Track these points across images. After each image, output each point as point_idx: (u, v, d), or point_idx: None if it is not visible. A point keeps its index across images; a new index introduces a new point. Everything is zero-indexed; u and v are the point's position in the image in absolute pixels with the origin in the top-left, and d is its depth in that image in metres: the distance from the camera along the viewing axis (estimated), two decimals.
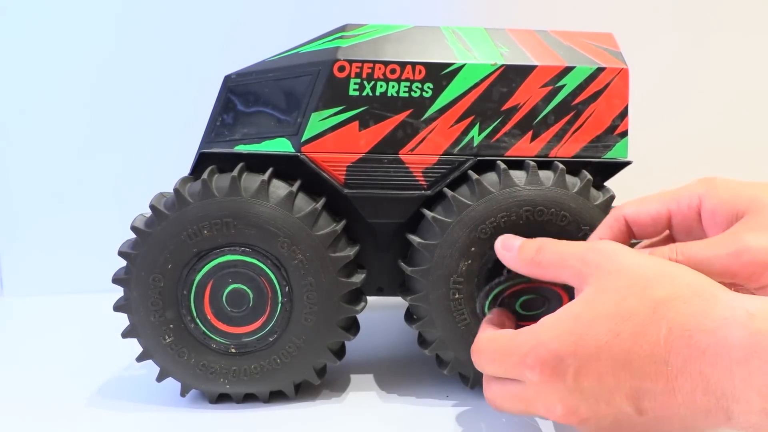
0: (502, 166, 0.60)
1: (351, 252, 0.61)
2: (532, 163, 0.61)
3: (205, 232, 0.58)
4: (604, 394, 0.46)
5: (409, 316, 0.65)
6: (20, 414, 0.62)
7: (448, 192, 0.60)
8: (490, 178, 0.60)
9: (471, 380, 0.63)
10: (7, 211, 1.02)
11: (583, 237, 0.60)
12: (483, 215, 0.59)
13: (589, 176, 0.60)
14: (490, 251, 0.60)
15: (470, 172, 0.61)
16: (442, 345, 0.62)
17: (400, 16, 0.79)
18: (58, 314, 0.94)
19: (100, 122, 1.01)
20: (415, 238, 0.62)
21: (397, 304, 0.90)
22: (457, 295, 0.60)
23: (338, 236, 0.60)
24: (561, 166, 0.60)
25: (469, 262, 0.60)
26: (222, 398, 0.63)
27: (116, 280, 0.60)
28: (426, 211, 0.61)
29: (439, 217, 0.60)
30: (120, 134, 1.01)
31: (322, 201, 0.61)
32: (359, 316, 0.64)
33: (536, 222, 0.59)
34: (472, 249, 0.59)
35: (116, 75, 1.00)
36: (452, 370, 0.63)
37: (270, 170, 0.61)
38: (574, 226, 0.60)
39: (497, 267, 0.61)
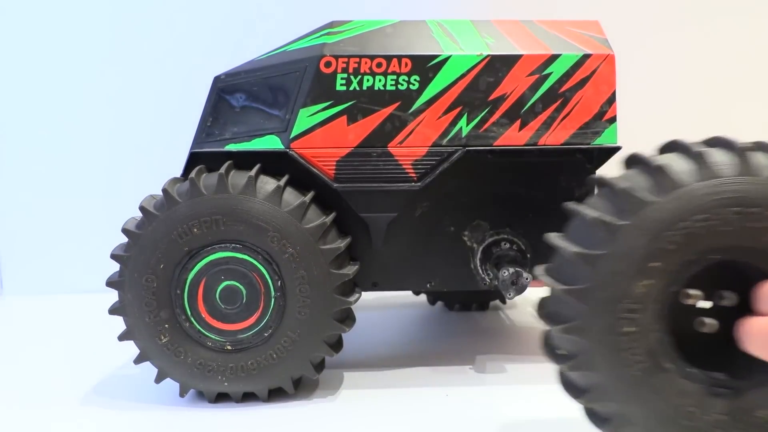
0: (700, 148, 0.44)
1: (342, 243, 0.61)
2: (739, 143, 0.44)
3: (195, 230, 0.58)
4: None
5: (549, 348, 0.48)
6: (20, 414, 0.62)
7: (612, 180, 0.45)
8: (679, 165, 0.43)
9: None
10: (6, 212, 1.03)
11: None
12: (671, 217, 0.42)
13: None
14: (681, 270, 0.43)
15: (642, 153, 0.46)
16: (603, 395, 0.45)
17: (386, 12, 0.79)
18: (58, 314, 0.94)
19: (99, 125, 1.02)
20: (564, 244, 0.46)
21: (393, 302, 0.91)
22: (629, 328, 0.43)
23: (328, 228, 0.60)
24: None
25: (650, 282, 0.43)
26: (221, 397, 0.63)
27: (110, 283, 0.60)
28: (581, 207, 0.46)
29: (604, 217, 0.44)
30: (118, 136, 1.02)
31: (311, 194, 0.61)
32: (357, 315, 0.64)
33: (749, 230, 0.42)
34: (655, 264, 0.43)
35: (111, 81, 1.01)
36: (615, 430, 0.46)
37: (257, 166, 0.61)
38: None
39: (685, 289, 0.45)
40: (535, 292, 0.69)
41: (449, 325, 0.86)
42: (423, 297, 0.94)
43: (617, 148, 0.64)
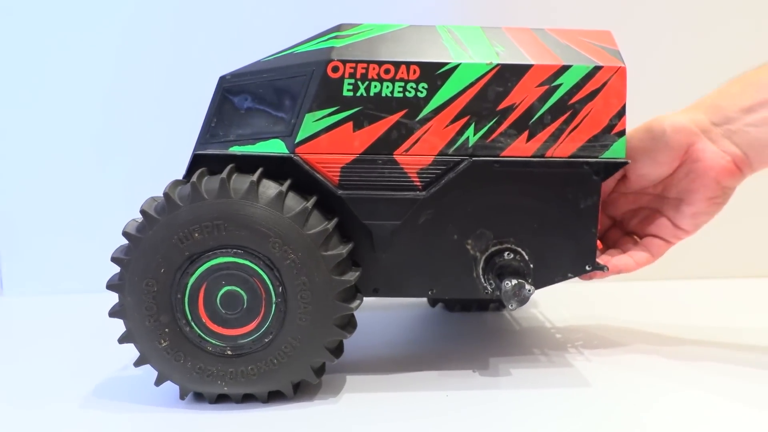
0: None
1: (344, 250, 0.60)
2: None
3: (196, 235, 0.58)
4: None
5: None
6: (20, 414, 0.62)
7: None
8: None
9: None
10: (7, 212, 1.02)
11: None
12: None
13: None
14: None
15: None
16: None
17: (395, 16, 0.78)
18: (58, 314, 0.94)
19: (101, 124, 1.01)
20: None
21: (393, 302, 0.90)
22: None
23: (330, 234, 0.60)
24: None
25: None
26: (221, 398, 0.63)
27: (110, 286, 0.60)
28: None
29: None
30: (120, 136, 1.01)
31: (313, 200, 0.60)
32: (357, 317, 0.64)
33: None
34: None
35: (115, 80, 1.00)
36: None
37: (259, 171, 0.60)
38: None
39: None
40: (538, 293, 0.69)
41: (451, 326, 0.86)
42: (424, 298, 0.93)
43: (625, 163, 0.63)
